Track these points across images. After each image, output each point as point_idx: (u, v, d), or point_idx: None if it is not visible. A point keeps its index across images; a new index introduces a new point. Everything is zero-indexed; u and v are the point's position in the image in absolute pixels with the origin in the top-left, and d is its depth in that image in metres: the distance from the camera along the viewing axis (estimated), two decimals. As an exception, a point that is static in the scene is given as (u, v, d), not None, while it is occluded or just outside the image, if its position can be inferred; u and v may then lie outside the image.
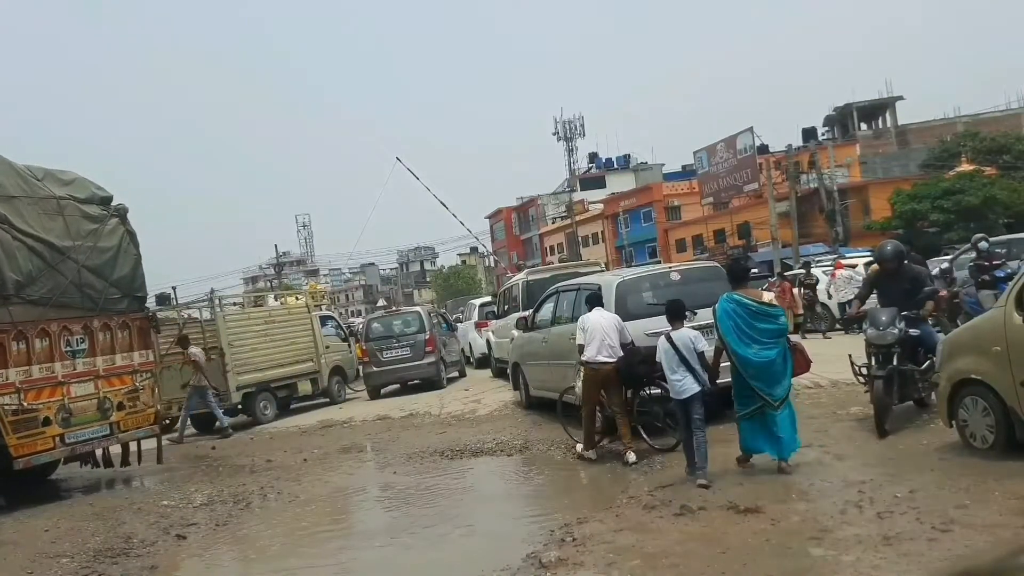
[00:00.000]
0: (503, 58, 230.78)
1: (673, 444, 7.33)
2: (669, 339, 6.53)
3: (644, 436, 7.75)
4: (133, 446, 10.26)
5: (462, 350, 19.48)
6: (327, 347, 16.41)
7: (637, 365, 7.53)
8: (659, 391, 7.46)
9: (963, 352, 6.04)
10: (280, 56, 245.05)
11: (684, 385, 6.44)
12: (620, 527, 5.33)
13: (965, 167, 35.46)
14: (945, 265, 12.90)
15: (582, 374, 7.77)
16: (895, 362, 6.97)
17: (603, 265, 20.26)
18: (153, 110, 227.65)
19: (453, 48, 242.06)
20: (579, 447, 7.93)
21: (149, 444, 10.53)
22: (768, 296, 6.78)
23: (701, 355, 6.50)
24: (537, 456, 8.43)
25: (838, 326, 16.47)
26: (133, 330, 10.08)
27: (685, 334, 6.56)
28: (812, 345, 8.92)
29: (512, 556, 5.16)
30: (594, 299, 7.91)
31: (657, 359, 6.58)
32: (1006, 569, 2.00)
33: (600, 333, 7.47)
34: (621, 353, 7.51)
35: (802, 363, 6.63)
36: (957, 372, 5.99)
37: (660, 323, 8.20)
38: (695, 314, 8.24)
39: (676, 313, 6.67)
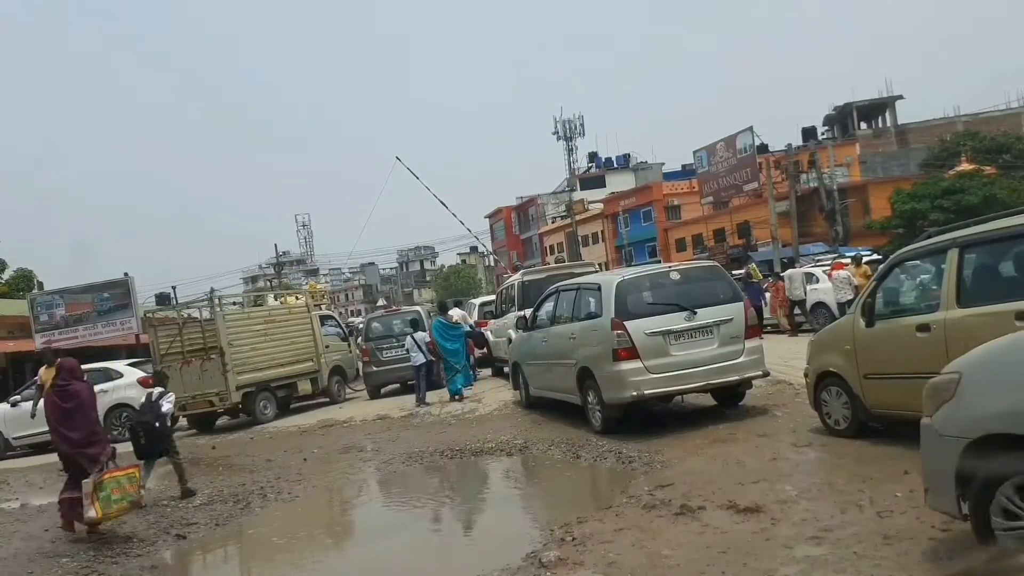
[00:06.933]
0: (503, 57, 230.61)
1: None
2: (412, 338, 13.66)
3: None
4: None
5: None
6: (327, 347, 16.43)
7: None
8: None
9: (825, 349, 7.15)
10: (280, 55, 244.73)
11: (418, 358, 13.42)
12: (620, 527, 5.32)
13: (965, 167, 35.47)
14: None
15: None
16: None
17: (598, 265, 20.26)
18: (152, 109, 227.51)
19: (453, 48, 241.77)
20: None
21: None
22: (456, 318, 14.63)
23: (429, 344, 13.50)
24: (537, 456, 8.42)
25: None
26: None
27: (421, 336, 13.64)
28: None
29: (512, 556, 5.15)
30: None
31: (408, 348, 13.86)
32: (1006, 569, 2.00)
33: None
34: None
35: (473, 348, 15.03)
36: (821, 365, 7.11)
37: (660, 322, 8.26)
38: (695, 313, 8.30)
39: (416, 326, 14.12)
